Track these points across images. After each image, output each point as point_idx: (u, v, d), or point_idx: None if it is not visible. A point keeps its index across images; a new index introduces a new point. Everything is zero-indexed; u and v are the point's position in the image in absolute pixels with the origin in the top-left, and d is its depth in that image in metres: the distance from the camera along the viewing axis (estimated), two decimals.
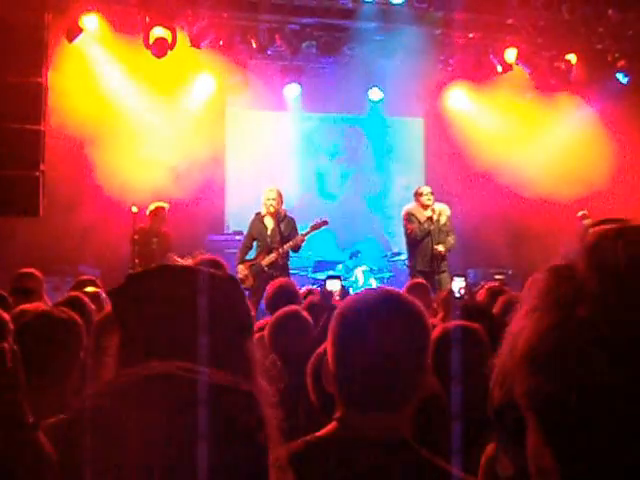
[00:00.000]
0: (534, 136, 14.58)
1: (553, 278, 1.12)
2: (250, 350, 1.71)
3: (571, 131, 14.68)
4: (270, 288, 6.73)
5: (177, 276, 1.77)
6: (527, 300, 1.13)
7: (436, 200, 11.63)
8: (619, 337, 1.01)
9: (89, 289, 6.51)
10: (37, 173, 10.90)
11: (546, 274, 1.15)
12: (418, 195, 11.48)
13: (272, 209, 10.86)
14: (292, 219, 11.09)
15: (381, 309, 2.09)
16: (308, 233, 11.13)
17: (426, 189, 11.48)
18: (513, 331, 1.13)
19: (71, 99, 12.13)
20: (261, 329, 5.44)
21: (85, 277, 8.05)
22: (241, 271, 10.91)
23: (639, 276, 1.05)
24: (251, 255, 11.27)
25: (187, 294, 1.67)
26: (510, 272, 14.33)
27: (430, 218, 11.30)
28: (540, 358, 1.06)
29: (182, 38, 12.48)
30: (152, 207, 11.76)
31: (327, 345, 2.14)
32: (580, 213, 12.70)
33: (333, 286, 6.04)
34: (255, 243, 11.21)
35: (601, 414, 1.01)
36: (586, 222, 12.52)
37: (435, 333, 3.59)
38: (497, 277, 13.81)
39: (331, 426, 2.12)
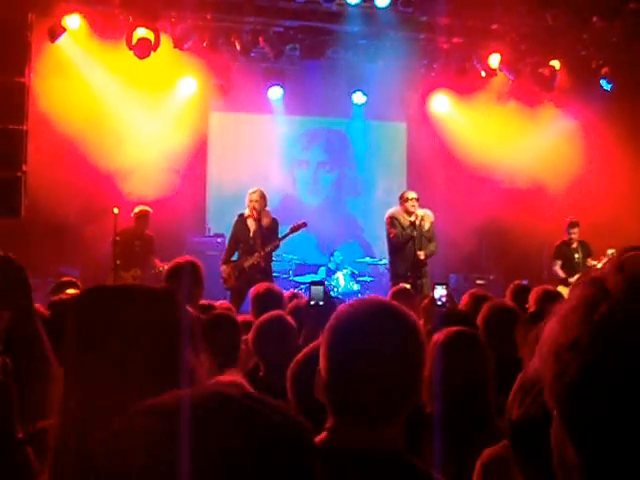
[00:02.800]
0: (516, 142, 14.61)
1: (583, 287, 1.15)
2: (188, 359, 1.71)
3: (553, 137, 14.73)
4: (256, 291, 6.71)
5: (113, 299, 1.78)
6: (558, 309, 1.16)
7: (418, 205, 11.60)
8: (631, 336, 1.03)
9: (70, 291, 6.43)
10: (19, 174, 10.84)
11: (577, 286, 1.18)
12: (403, 200, 11.39)
13: (254, 211, 10.83)
14: (275, 221, 11.04)
15: (375, 320, 2.08)
16: (287, 235, 11.11)
17: (412, 194, 11.38)
18: (545, 336, 1.15)
19: (53, 100, 12.06)
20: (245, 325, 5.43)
21: (66, 279, 7.99)
22: (224, 271, 10.89)
23: None
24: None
25: (121, 316, 1.69)
26: (492, 277, 14.37)
27: (413, 224, 11.24)
28: (562, 349, 1.08)
29: (165, 40, 12.42)
30: (137, 210, 11.74)
31: (320, 355, 2.12)
32: (568, 220, 12.74)
33: (317, 291, 6.01)
34: (239, 245, 11.18)
35: (621, 406, 1.02)
36: (573, 230, 12.58)
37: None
38: (479, 282, 13.85)
39: (321, 436, 2.09)
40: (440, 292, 6.73)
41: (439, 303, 6.70)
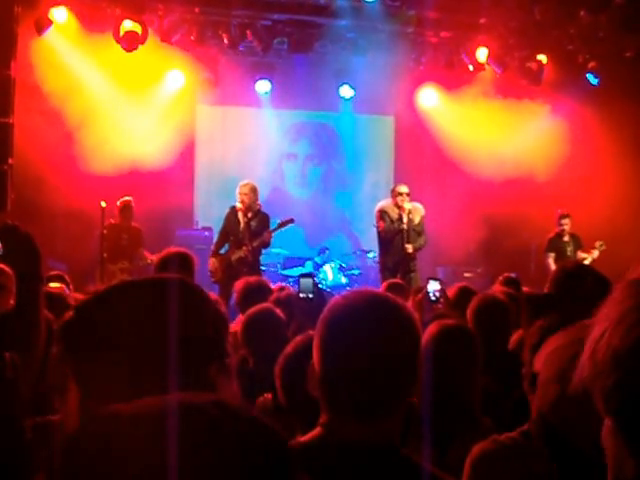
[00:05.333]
0: (504, 135, 14.62)
1: (632, 287, 1.11)
2: (213, 378, 1.66)
3: (541, 131, 14.75)
4: (240, 284, 6.69)
5: (138, 297, 1.67)
6: (606, 310, 1.12)
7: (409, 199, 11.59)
8: None
9: (54, 285, 6.34)
10: (5, 167, 10.79)
11: (624, 285, 1.14)
12: (394, 194, 11.40)
13: (243, 205, 10.81)
14: (265, 215, 11.01)
15: (370, 312, 2.02)
16: (274, 230, 11.08)
17: (403, 189, 11.35)
18: (594, 337, 1.11)
19: (40, 92, 12.01)
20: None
21: (53, 272, 7.95)
22: (212, 264, 10.87)
23: None
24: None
25: (151, 315, 1.60)
26: (479, 270, 14.40)
27: (400, 218, 11.25)
28: (622, 356, 1.04)
29: (152, 33, 12.37)
30: (119, 202, 11.72)
31: (313, 348, 2.06)
32: (559, 212, 12.75)
33: (306, 284, 6.00)
34: (229, 237, 11.16)
35: None
36: (564, 222, 12.59)
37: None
38: (466, 275, 13.89)
39: (315, 432, 2.04)
40: (434, 287, 6.71)
41: (433, 298, 6.70)
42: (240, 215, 10.85)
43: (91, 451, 1.01)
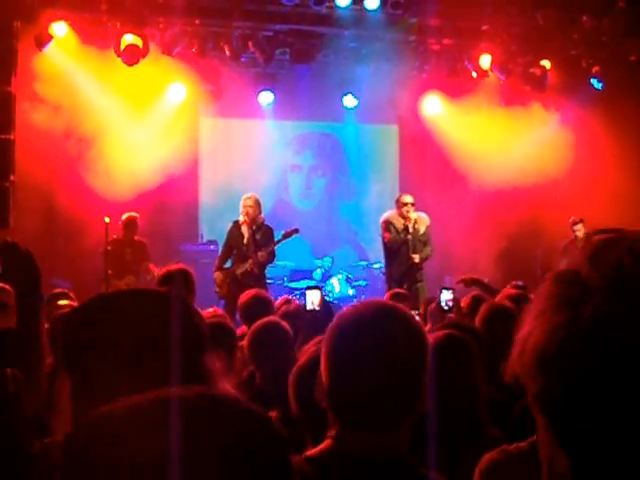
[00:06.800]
0: (509, 142, 14.57)
1: (558, 282, 1.09)
2: (207, 365, 1.68)
3: (545, 137, 14.70)
4: (243, 298, 6.65)
5: (127, 305, 1.71)
6: (534, 305, 1.10)
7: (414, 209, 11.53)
8: (619, 338, 0.97)
9: (62, 302, 6.36)
10: (7, 184, 10.75)
11: (551, 279, 1.12)
12: (399, 204, 11.35)
13: (247, 217, 10.76)
14: (269, 228, 10.99)
15: (377, 323, 2.02)
16: (279, 242, 11.05)
17: (408, 199, 11.32)
18: (522, 335, 1.09)
19: (41, 108, 11.96)
20: (241, 337, 5.34)
21: (58, 290, 7.88)
22: (217, 279, 10.82)
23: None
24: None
25: (139, 322, 1.63)
26: (487, 278, 14.28)
27: (406, 228, 11.20)
28: (548, 358, 1.02)
29: (154, 46, 12.33)
30: (124, 217, 11.66)
31: (321, 360, 2.06)
32: (571, 219, 12.69)
33: (313, 296, 5.94)
34: (233, 251, 11.11)
35: (611, 414, 0.97)
36: (577, 227, 12.51)
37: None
38: None
39: (325, 444, 2.04)
40: (446, 296, 6.70)
41: (445, 308, 6.68)
42: (244, 228, 10.81)
43: (89, 450, 1.00)
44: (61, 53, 12.52)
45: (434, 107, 15.50)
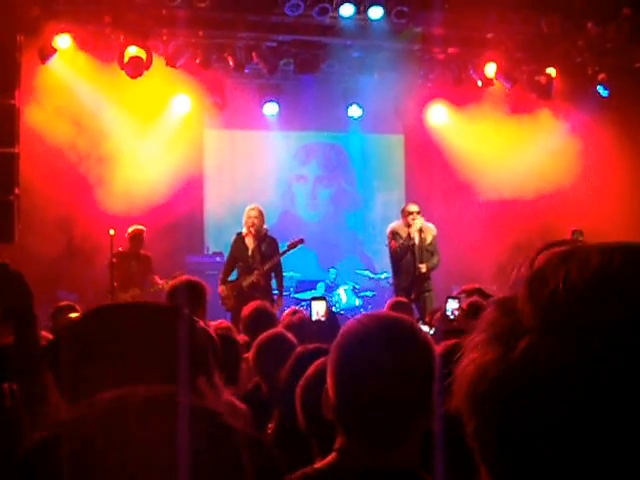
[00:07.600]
0: (515, 151, 14.52)
1: (496, 311, 0.99)
2: (203, 387, 1.68)
3: (552, 145, 14.65)
4: (245, 311, 6.62)
5: (129, 316, 1.71)
6: (475, 334, 1.01)
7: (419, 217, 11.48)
8: (550, 378, 0.88)
9: (72, 315, 6.36)
10: (11, 197, 10.73)
11: (491, 307, 1.01)
12: (405, 213, 11.31)
13: (252, 229, 10.70)
14: (274, 239, 10.94)
15: (383, 336, 1.98)
16: (285, 252, 11.01)
17: (412, 208, 11.28)
18: (461, 367, 1.00)
19: (45, 121, 11.96)
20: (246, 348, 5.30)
21: (64, 303, 7.86)
22: (222, 292, 10.75)
23: (579, 307, 0.89)
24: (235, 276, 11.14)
25: (139, 334, 1.63)
26: (494, 287, 14.22)
27: (410, 236, 11.15)
28: (479, 398, 0.94)
29: (157, 58, 12.32)
30: (130, 230, 11.62)
31: (327, 373, 2.04)
32: (573, 229, 12.60)
33: (319, 307, 5.89)
34: (238, 264, 11.05)
35: (549, 458, 0.88)
36: (578, 239, 12.42)
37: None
38: None
39: (331, 457, 2.01)
40: (452, 305, 6.63)
41: (451, 317, 6.61)
42: (248, 240, 10.76)
43: (58, 450, 1.00)
44: (65, 66, 12.54)
45: (439, 116, 15.47)
